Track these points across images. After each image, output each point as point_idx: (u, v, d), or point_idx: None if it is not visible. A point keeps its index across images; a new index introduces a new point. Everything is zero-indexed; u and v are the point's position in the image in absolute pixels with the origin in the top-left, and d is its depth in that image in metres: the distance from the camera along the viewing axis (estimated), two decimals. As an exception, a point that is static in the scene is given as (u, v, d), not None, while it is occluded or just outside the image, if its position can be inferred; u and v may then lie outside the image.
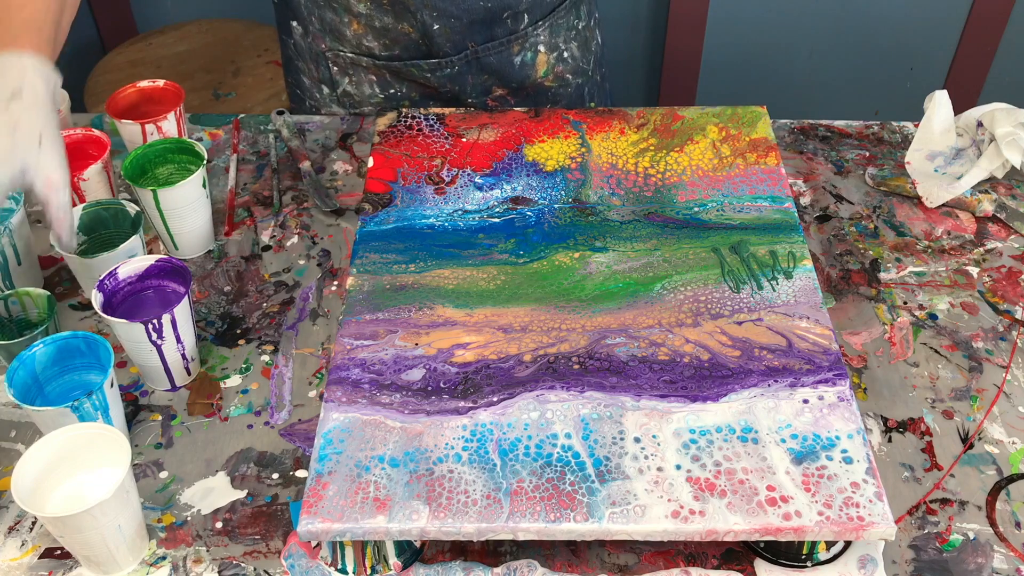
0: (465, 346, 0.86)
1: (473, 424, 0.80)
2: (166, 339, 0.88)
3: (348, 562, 0.78)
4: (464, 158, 1.06)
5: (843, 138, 1.20)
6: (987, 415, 0.90)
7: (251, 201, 1.14)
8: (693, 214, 0.99)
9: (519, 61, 1.15)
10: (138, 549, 0.80)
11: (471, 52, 1.12)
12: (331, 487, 0.75)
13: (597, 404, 0.81)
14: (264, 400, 0.92)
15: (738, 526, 0.73)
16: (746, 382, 0.82)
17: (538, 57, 1.16)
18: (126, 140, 1.12)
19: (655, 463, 0.77)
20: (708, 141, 1.07)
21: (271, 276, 1.04)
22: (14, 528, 0.83)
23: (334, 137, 1.22)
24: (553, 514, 0.74)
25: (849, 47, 2.21)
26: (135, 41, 2.09)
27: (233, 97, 1.94)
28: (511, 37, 1.13)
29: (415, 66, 1.14)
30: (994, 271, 1.03)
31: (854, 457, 0.77)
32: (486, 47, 1.13)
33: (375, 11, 1.10)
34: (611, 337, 0.87)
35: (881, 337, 0.97)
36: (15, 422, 0.91)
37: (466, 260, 0.94)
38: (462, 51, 1.12)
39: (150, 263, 0.93)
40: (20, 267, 1.00)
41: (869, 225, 1.09)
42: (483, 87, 1.18)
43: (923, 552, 0.80)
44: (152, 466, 0.87)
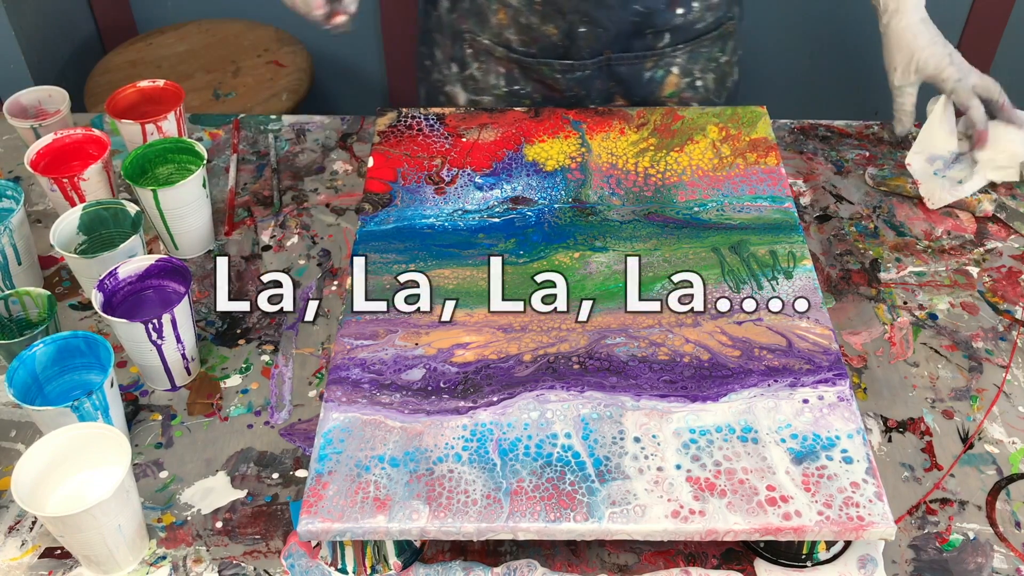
0: (465, 346, 0.86)
1: (473, 424, 0.80)
2: (166, 339, 0.88)
3: (348, 562, 0.78)
4: (464, 158, 1.06)
5: (843, 138, 1.20)
6: (987, 415, 0.90)
7: (251, 201, 1.14)
8: (693, 214, 0.99)
9: (648, 76, 1.16)
10: (138, 549, 0.80)
11: (605, 59, 1.14)
12: (331, 487, 0.75)
13: (597, 404, 0.81)
14: (264, 400, 0.92)
15: (738, 526, 0.73)
16: (746, 382, 0.82)
17: (668, 77, 1.17)
18: (126, 140, 1.12)
19: (655, 463, 0.77)
20: (708, 141, 1.07)
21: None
22: (14, 528, 0.83)
23: (334, 137, 1.22)
24: (553, 514, 0.74)
25: (849, 47, 2.21)
26: (135, 41, 2.09)
27: (233, 97, 1.94)
28: (648, 52, 1.14)
29: (547, 64, 1.15)
30: (994, 271, 1.03)
31: (854, 457, 0.77)
32: (620, 56, 1.14)
33: (525, 6, 1.11)
34: (611, 337, 0.87)
35: (881, 337, 0.97)
36: (15, 422, 0.91)
37: (466, 260, 0.94)
38: (597, 57, 1.14)
39: (150, 263, 0.93)
40: (20, 267, 1.00)
41: (869, 225, 1.09)
42: (607, 94, 1.19)
43: (923, 552, 0.80)
44: (152, 466, 0.87)
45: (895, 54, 1.12)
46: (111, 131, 1.22)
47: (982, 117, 1.09)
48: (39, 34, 2.02)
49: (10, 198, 1.01)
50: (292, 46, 2.08)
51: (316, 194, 1.14)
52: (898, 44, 1.11)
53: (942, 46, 1.09)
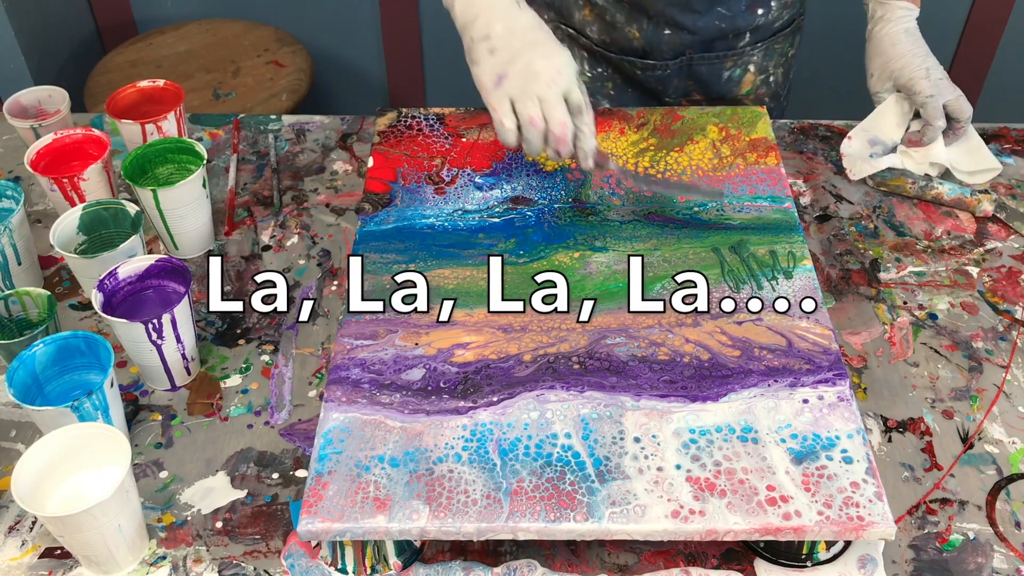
0: (465, 346, 0.86)
1: (473, 424, 0.80)
2: (166, 339, 0.88)
3: (348, 562, 0.78)
4: (464, 158, 1.06)
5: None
6: (987, 415, 0.90)
7: (251, 201, 1.14)
8: (693, 214, 0.99)
9: (727, 76, 1.19)
10: (138, 549, 0.80)
11: (687, 59, 1.16)
12: (331, 487, 0.75)
13: (597, 404, 0.81)
14: (264, 400, 0.92)
15: (738, 526, 0.73)
16: (746, 382, 0.82)
17: (746, 76, 1.19)
18: (126, 140, 1.12)
19: (655, 463, 0.77)
20: (708, 141, 1.07)
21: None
22: (14, 528, 0.83)
23: (334, 137, 1.22)
24: (553, 514, 0.74)
25: (849, 47, 2.21)
26: (135, 41, 2.09)
27: (233, 97, 1.94)
28: (728, 52, 1.16)
29: (629, 62, 1.17)
30: (994, 271, 1.03)
31: (854, 457, 0.77)
32: (701, 57, 1.16)
33: (612, 5, 1.13)
34: (611, 337, 0.87)
35: (881, 337, 0.97)
36: (15, 422, 0.91)
37: (466, 260, 0.94)
38: (678, 57, 1.15)
39: (150, 263, 0.93)
40: (20, 267, 1.00)
41: (869, 225, 1.09)
42: (684, 90, 1.22)
43: (923, 552, 0.80)
44: (152, 466, 0.87)
45: (873, 59, 1.13)
46: (111, 131, 1.22)
47: (932, 136, 1.10)
48: (39, 34, 2.03)
49: (10, 198, 1.01)
50: (292, 46, 2.08)
51: (316, 194, 1.14)
52: (877, 50, 1.13)
53: (921, 59, 1.10)
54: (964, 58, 2.23)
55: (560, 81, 0.88)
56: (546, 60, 0.88)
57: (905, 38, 1.11)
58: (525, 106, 0.88)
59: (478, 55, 0.90)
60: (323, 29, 2.29)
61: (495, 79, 0.89)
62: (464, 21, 0.92)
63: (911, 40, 1.11)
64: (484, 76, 0.90)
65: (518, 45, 0.89)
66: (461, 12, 0.92)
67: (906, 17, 1.11)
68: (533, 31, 0.90)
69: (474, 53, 0.91)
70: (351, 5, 2.25)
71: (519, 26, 0.90)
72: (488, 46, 0.89)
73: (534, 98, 0.88)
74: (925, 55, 1.10)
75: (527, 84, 0.88)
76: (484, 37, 0.90)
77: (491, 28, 0.90)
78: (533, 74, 0.87)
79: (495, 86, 0.89)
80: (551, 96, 0.88)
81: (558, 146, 0.89)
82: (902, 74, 1.10)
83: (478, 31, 0.90)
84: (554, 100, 0.88)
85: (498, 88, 0.89)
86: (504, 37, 0.89)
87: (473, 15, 0.91)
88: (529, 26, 0.90)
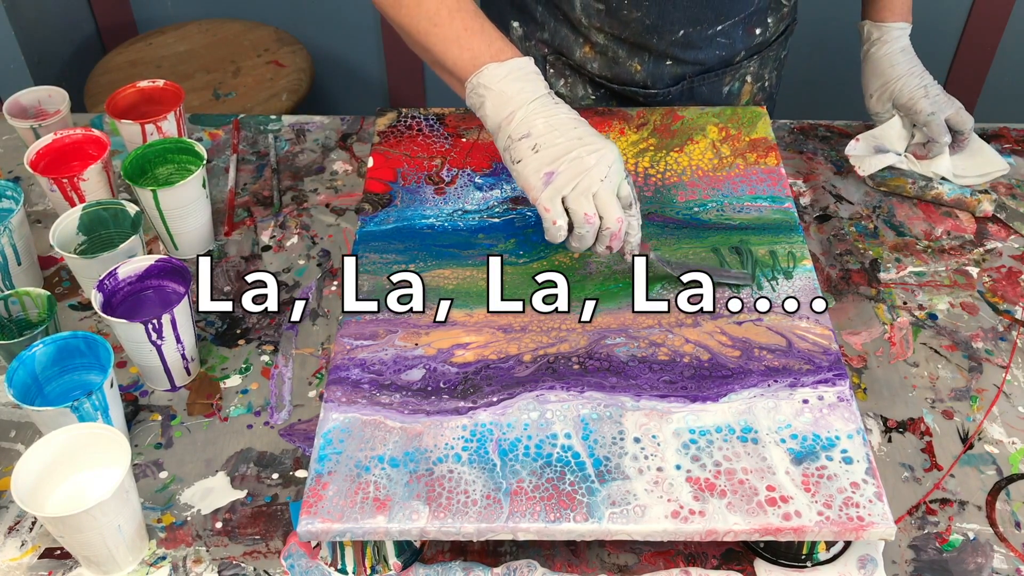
0: (465, 346, 0.86)
1: (473, 424, 0.80)
2: (166, 339, 0.88)
3: (348, 562, 0.78)
4: (464, 158, 1.06)
5: (843, 138, 1.20)
6: (987, 415, 0.90)
7: (251, 201, 1.14)
8: (693, 214, 0.98)
9: (727, 91, 1.19)
10: (138, 549, 0.80)
11: (687, 83, 1.16)
12: (331, 487, 0.75)
13: (597, 404, 0.81)
14: (264, 400, 0.92)
15: (738, 526, 0.73)
16: (746, 382, 0.82)
17: (744, 87, 1.19)
18: (126, 140, 1.12)
19: (655, 463, 0.77)
20: (708, 141, 1.07)
21: (271, 276, 1.04)
22: (14, 528, 0.83)
23: (334, 137, 1.22)
24: (553, 514, 0.74)
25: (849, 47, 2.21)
26: (135, 41, 2.09)
27: (233, 97, 1.94)
28: (726, 69, 1.16)
29: (630, 91, 1.16)
30: (994, 271, 1.03)
31: (854, 457, 0.77)
32: (701, 78, 1.16)
33: (611, 43, 1.12)
34: (611, 337, 0.87)
35: (881, 337, 0.97)
36: (15, 422, 0.91)
37: (466, 260, 0.94)
38: (679, 83, 1.15)
39: (150, 263, 0.93)
40: (20, 267, 1.00)
41: (869, 225, 1.09)
42: None
43: (923, 552, 0.80)
44: (152, 466, 0.87)
45: (872, 81, 1.14)
46: (111, 131, 1.22)
47: (937, 152, 1.10)
48: (39, 34, 2.03)
49: (10, 198, 1.01)
50: (292, 46, 2.08)
51: (316, 194, 1.14)
52: (875, 71, 1.13)
53: (919, 78, 1.10)
54: (964, 58, 2.23)
55: (612, 176, 0.84)
56: (596, 155, 0.84)
57: (902, 58, 1.12)
58: (579, 204, 0.83)
59: (520, 154, 0.85)
60: (323, 29, 2.29)
61: (544, 178, 0.84)
62: (498, 121, 0.87)
63: (907, 59, 1.12)
64: (531, 175, 0.84)
65: (563, 141, 0.84)
66: (493, 112, 0.87)
67: (901, 37, 1.12)
68: (575, 125, 0.86)
69: (515, 153, 0.85)
70: (351, 5, 2.25)
71: (560, 122, 0.85)
72: (530, 144, 0.84)
73: (588, 195, 0.83)
74: (921, 73, 1.11)
75: (580, 181, 0.83)
76: (524, 135, 0.85)
77: (531, 126, 0.85)
78: (585, 170, 0.83)
79: (544, 185, 0.83)
80: (605, 192, 0.83)
81: (611, 242, 0.85)
82: (902, 94, 1.10)
83: (517, 130, 0.85)
84: (608, 196, 0.83)
85: (548, 187, 0.83)
86: (547, 134, 0.84)
87: (507, 113, 0.86)
88: (570, 120, 0.86)
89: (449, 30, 0.88)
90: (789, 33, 1.21)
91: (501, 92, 0.86)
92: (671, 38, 1.10)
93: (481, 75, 0.87)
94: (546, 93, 0.87)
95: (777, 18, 1.16)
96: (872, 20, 1.13)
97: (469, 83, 0.88)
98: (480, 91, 0.87)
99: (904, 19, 1.12)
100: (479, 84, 0.87)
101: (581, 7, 1.09)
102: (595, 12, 1.09)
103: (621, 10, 1.08)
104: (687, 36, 1.10)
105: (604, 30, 1.10)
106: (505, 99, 0.86)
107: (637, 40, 1.10)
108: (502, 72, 0.86)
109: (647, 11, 1.07)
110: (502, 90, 0.86)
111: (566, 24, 1.13)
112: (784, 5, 1.16)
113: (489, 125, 0.88)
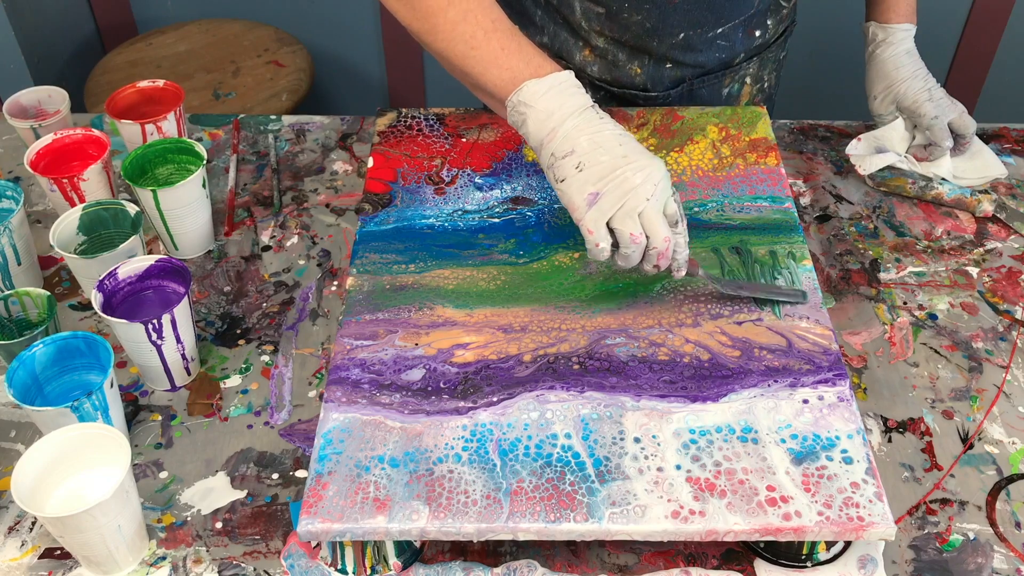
0: (465, 346, 0.86)
1: (473, 424, 0.80)
2: (166, 339, 0.88)
3: (348, 562, 0.78)
4: (464, 158, 1.06)
5: (843, 138, 1.20)
6: (987, 415, 0.90)
7: (251, 201, 1.14)
8: (693, 214, 0.98)
9: (727, 93, 1.18)
10: (138, 549, 0.80)
11: (687, 86, 1.15)
12: (331, 487, 0.75)
13: (597, 404, 0.81)
14: (264, 400, 0.92)
15: (738, 526, 0.73)
16: (746, 382, 0.82)
17: (743, 89, 1.19)
18: (126, 140, 1.12)
19: (655, 463, 0.77)
20: (708, 141, 1.07)
21: (271, 276, 1.04)
22: (14, 528, 0.83)
23: (334, 137, 1.22)
24: (553, 514, 0.74)
25: (849, 47, 2.21)
26: (135, 41, 2.09)
27: (233, 97, 1.94)
28: (725, 71, 1.16)
29: (630, 94, 1.16)
30: (994, 271, 1.03)
31: (854, 457, 0.77)
32: (701, 81, 1.16)
33: (611, 47, 1.12)
34: (611, 337, 0.87)
35: (881, 337, 0.97)
36: (15, 422, 0.91)
37: (466, 260, 0.94)
38: (679, 86, 1.15)
39: (150, 263, 0.93)
40: (20, 267, 1.00)
41: (869, 225, 1.09)
42: None
43: (923, 552, 0.80)
44: (152, 466, 0.87)
45: (876, 83, 1.14)
46: (111, 131, 1.22)
47: (939, 155, 1.10)
48: (39, 34, 2.02)
49: (10, 198, 1.01)
50: (292, 46, 2.08)
51: (316, 194, 1.14)
52: (880, 74, 1.13)
53: (923, 81, 1.11)
54: (964, 58, 2.23)
55: (658, 195, 0.83)
56: (642, 173, 0.82)
57: (906, 60, 1.12)
58: (625, 224, 0.82)
59: (564, 172, 0.83)
60: (323, 29, 2.29)
61: (588, 198, 0.82)
62: (540, 137, 0.85)
63: (912, 62, 1.12)
64: (575, 195, 0.82)
65: (608, 159, 0.82)
66: (536, 128, 0.85)
67: (906, 38, 1.12)
68: (621, 142, 0.83)
69: (558, 171, 0.84)
70: (351, 5, 2.25)
71: (605, 139, 0.83)
72: (574, 162, 0.83)
73: (634, 215, 0.82)
74: (925, 76, 1.11)
75: (625, 201, 0.81)
76: (568, 153, 0.83)
77: (575, 143, 0.83)
78: (631, 189, 0.81)
79: (589, 205, 0.82)
80: (651, 211, 0.82)
81: (659, 261, 0.84)
82: (905, 97, 1.10)
83: (560, 148, 0.83)
84: (655, 215, 0.82)
85: (593, 208, 0.82)
86: (592, 152, 0.82)
87: (550, 129, 0.84)
88: (616, 136, 0.84)
89: (487, 52, 0.86)
90: (788, 35, 1.21)
91: (542, 109, 0.84)
92: (671, 41, 1.10)
93: (520, 93, 0.85)
94: (590, 106, 0.85)
95: (777, 20, 1.16)
96: (877, 21, 1.13)
97: (509, 102, 0.86)
98: (521, 109, 0.85)
99: (909, 20, 1.12)
100: (519, 102, 0.85)
101: (581, 11, 1.09)
102: (595, 16, 1.09)
103: (621, 14, 1.07)
104: (687, 39, 1.10)
105: (604, 33, 1.10)
106: (546, 115, 0.84)
107: (637, 43, 1.10)
108: (542, 88, 0.84)
109: (647, 14, 1.07)
110: (543, 107, 0.84)
111: (566, 28, 1.13)
112: (784, 7, 1.16)
113: (532, 143, 0.86)
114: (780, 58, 1.22)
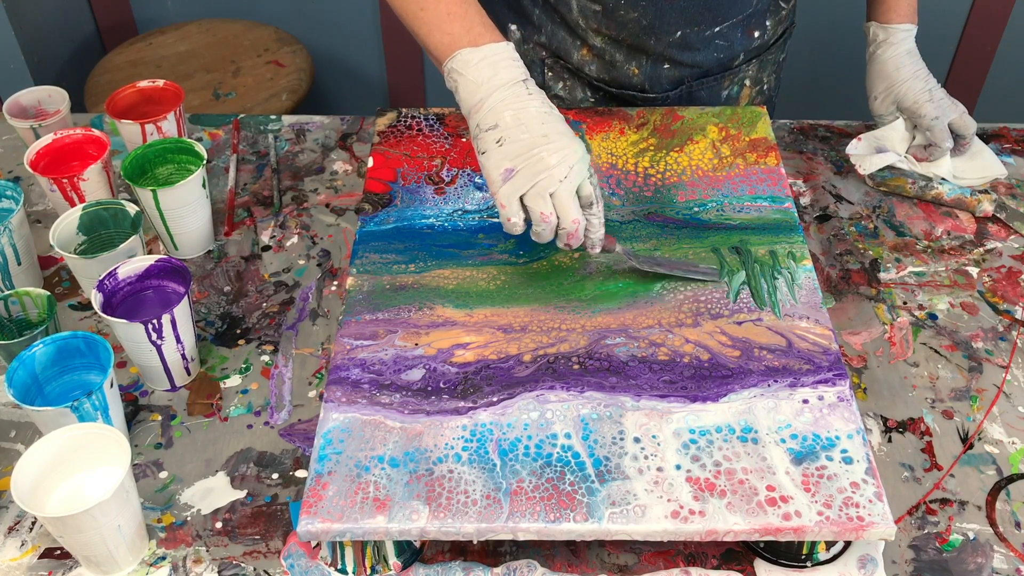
0: (465, 346, 0.86)
1: (473, 424, 0.80)
2: (166, 339, 0.88)
3: (348, 562, 0.78)
4: (464, 158, 1.06)
5: (843, 138, 1.20)
6: (987, 415, 0.90)
7: (251, 201, 1.14)
8: (693, 214, 0.99)
9: (726, 95, 1.19)
10: (138, 549, 0.80)
11: (686, 87, 1.16)
12: (331, 487, 0.75)
13: (597, 404, 0.81)
14: (264, 400, 0.92)
15: (738, 526, 0.73)
16: (746, 382, 0.82)
17: (743, 91, 1.19)
18: (126, 140, 1.12)
19: (655, 463, 0.77)
20: (708, 141, 1.07)
21: (271, 276, 1.04)
22: (14, 528, 0.83)
23: (334, 137, 1.22)
24: (553, 514, 0.74)
25: (849, 47, 2.21)
26: (135, 41, 2.09)
27: (233, 97, 1.94)
28: (724, 73, 1.16)
29: (629, 95, 1.16)
30: (994, 271, 1.03)
31: (854, 457, 0.77)
32: (700, 82, 1.16)
33: (609, 46, 1.12)
34: (611, 337, 0.87)
35: (881, 337, 0.97)
36: (15, 422, 0.91)
37: (466, 260, 0.94)
38: (678, 87, 1.15)
39: (150, 263, 0.93)
40: (20, 267, 1.00)
41: (869, 225, 1.09)
42: None
43: (923, 552, 0.80)
44: (152, 466, 0.87)
45: (876, 83, 1.14)
46: (111, 131, 1.22)
47: (939, 156, 1.11)
48: (39, 34, 2.02)
49: (10, 198, 1.01)
50: (292, 46, 2.08)
51: (316, 194, 1.14)
52: (880, 74, 1.13)
53: (923, 81, 1.10)
54: (964, 58, 2.23)
55: (572, 177, 0.83)
56: (558, 154, 0.83)
57: (907, 60, 1.11)
58: (536, 203, 0.83)
59: (485, 145, 0.84)
60: (323, 29, 2.29)
61: (503, 173, 0.83)
62: (469, 106, 0.86)
63: (913, 62, 1.12)
64: (492, 169, 0.84)
65: (527, 138, 0.83)
66: (466, 97, 0.86)
67: (907, 38, 1.12)
68: (544, 121, 0.84)
69: (481, 143, 0.85)
70: (351, 5, 2.25)
71: (529, 115, 0.84)
72: (496, 136, 0.84)
73: (546, 195, 0.83)
74: (926, 76, 1.11)
75: (538, 180, 0.82)
76: (492, 127, 0.84)
77: (499, 117, 0.84)
78: (545, 170, 0.82)
79: (503, 181, 0.83)
80: (563, 193, 0.83)
81: (569, 240, 0.85)
82: (906, 97, 1.10)
83: (485, 120, 0.84)
84: (566, 197, 0.83)
85: (507, 183, 0.83)
86: (513, 128, 0.83)
87: (478, 99, 0.85)
88: (539, 115, 0.84)
89: (433, 14, 0.88)
90: (788, 36, 1.21)
91: (472, 79, 0.85)
92: (668, 39, 1.10)
93: (454, 60, 0.86)
94: (519, 80, 0.86)
95: (776, 21, 1.16)
96: (877, 21, 1.13)
97: (445, 67, 0.87)
98: (454, 76, 0.87)
99: (910, 20, 1.12)
100: (452, 69, 0.87)
101: (578, 9, 1.09)
102: (592, 14, 1.09)
103: (618, 11, 1.07)
104: (684, 37, 1.10)
105: (601, 32, 1.10)
106: (475, 86, 0.85)
107: (634, 42, 1.10)
108: (475, 57, 0.86)
109: (644, 11, 1.07)
110: (473, 76, 0.85)
111: (563, 27, 1.13)
112: (783, 8, 1.16)
113: (463, 111, 0.88)
114: (780, 60, 1.22)
